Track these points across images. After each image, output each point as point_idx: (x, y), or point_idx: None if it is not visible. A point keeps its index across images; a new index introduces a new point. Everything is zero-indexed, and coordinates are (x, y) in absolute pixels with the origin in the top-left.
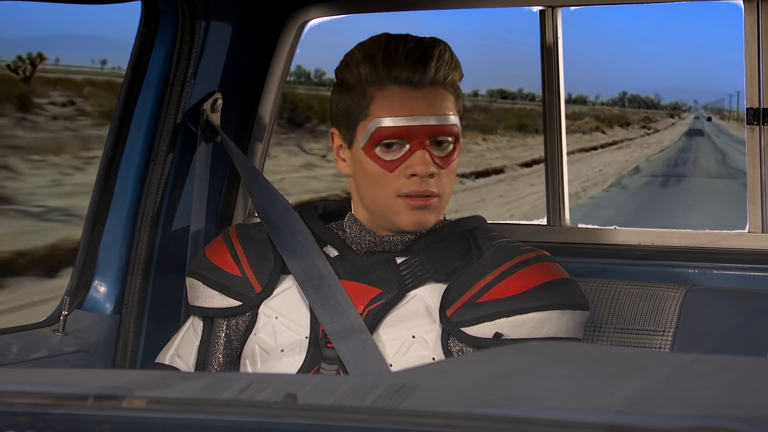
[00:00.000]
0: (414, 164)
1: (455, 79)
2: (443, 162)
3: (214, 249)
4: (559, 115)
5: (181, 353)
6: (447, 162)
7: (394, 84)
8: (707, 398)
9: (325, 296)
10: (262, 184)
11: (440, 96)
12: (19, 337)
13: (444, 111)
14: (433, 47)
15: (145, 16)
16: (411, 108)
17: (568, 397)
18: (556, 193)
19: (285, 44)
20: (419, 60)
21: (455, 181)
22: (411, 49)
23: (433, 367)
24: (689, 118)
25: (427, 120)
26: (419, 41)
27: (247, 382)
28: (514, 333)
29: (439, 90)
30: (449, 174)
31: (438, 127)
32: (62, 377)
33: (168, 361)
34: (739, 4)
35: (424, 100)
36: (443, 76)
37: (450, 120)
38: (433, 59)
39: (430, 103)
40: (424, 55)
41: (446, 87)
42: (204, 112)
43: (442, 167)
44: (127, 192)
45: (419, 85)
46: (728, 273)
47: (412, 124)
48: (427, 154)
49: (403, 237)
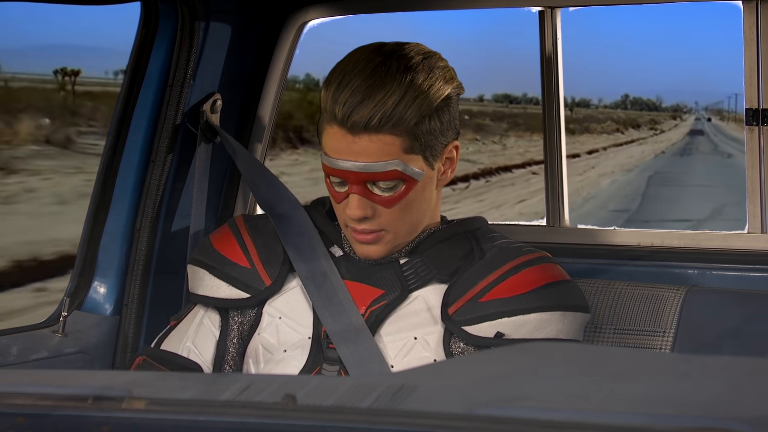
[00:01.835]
0: (349, 207)
1: (405, 119)
2: (386, 202)
3: (221, 238)
4: (559, 116)
5: (198, 345)
6: (392, 202)
7: (335, 123)
8: (707, 399)
9: (327, 296)
10: (269, 179)
11: (378, 141)
12: (18, 338)
13: (379, 157)
14: (379, 87)
15: (144, 17)
16: (347, 152)
17: (568, 397)
18: (556, 193)
19: (284, 45)
20: (359, 103)
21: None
22: (356, 88)
23: (433, 367)
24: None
25: (361, 166)
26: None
27: (247, 382)
28: (515, 333)
29: (377, 135)
30: (398, 212)
31: (371, 174)
32: (62, 378)
33: (183, 352)
34: (738, 4)
35: (359, 145)
36: (380, 122)
37: (388, 167)
38: (371, 105)
39: (364, 149)
40: (365, 96)
41: (387, 131)
42: (203, 112)
43: (385, 206)
44: (126, 193)
45: (355, 130)
46: (728, 273)
47: (346, 169)
48: (361, 199)
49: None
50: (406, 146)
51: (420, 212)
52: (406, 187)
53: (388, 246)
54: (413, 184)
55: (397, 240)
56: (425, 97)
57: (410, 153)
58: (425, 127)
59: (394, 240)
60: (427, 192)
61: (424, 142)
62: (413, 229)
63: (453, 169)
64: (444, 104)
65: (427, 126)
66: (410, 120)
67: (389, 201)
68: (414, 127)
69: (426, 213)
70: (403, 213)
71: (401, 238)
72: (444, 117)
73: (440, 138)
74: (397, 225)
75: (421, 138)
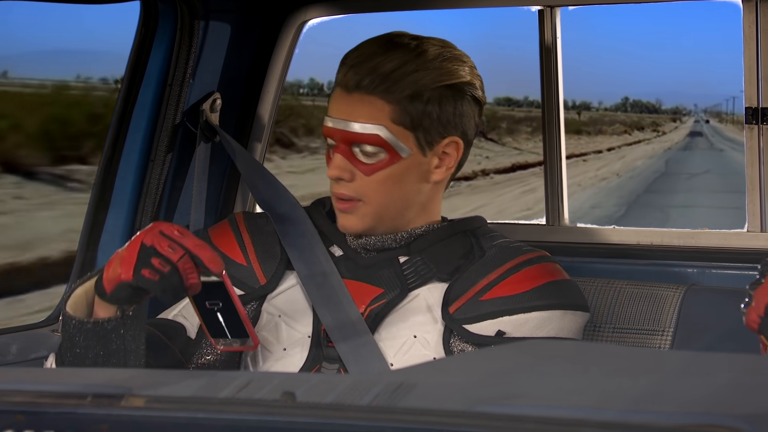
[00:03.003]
0: (331, 166)
1: (395, 89)
2: (366, 169)
3: (219, 233)
4: (558, 116)
5: (186, 313)
6: (371, 170)
7: (338, 85)
8: (706, 397)
9: (327, 295)
10: (268, 179)
11: (367, 102)
12: (18, 338)
13: (364, 119)
14: (383, 54)
15: (143, 16)
16: (338, 110)
17: (567, 395)
18: (555, 192)
19: (284, 44)
20: (359, 64)
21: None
22: (365, 52)
23: (432, 365)
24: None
25: (345, 125)
26: (383, 46)
27: (246, 380)
28: (516, 331)
29: (367, 96)
30: (376, 182)
31: (352, 134)
32: (61, 376)
33: (171, 316)
34: (738, 3)
35: (349, 104)
36: (371, 83)
37: (369, 128)
38: (369, 64)
39: (353, 108)
40: (367, 59)
41: (378, 94)
42: (203, 112)
43: (364, 173)
44: (126, 192)
45: (348, 88)
46: (727, 272)
47: (333, 127)
48: (342, 159)
49: (396, 237)
50: (396, 116)
51: (404, 196)
52: (389, 158)
53: (365, 220)
54: (396, 158)
55: (375, 218)
56: (428, 73)
57: (399, 125)
58: (420, 106)
59: (372, 216)
60: (414, 177)
61: (418, 121)
62: (396, 215)
63: (449, 167)
64: (450, 93)
65: (422, 105)
66: (405, 89)
67: (369, 168)
68: (408, 99)
69: (413, 202)
70: (382, 187)
71: (380, 218)
72: (447, 106)
73: (437, 126)
74: (374, 198)
75: (414, 115)
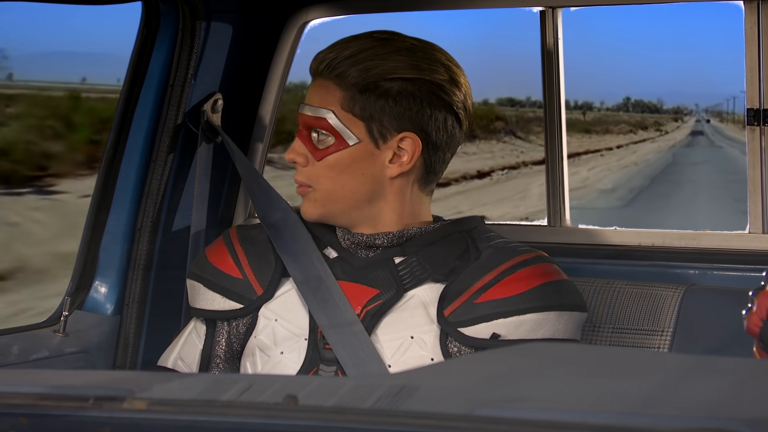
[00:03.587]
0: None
1: (350, 74)
2: (317, 154)
3: (215, 251)
4: (560, 117)
5: (184, 357)
6: (320, 154)
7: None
8: (706, 399)
9: (323, 298)
10: (262, 186)
11: (323, 87)
12: (19, 338)
13: (317, 102)
14: (347, 42)
15: (145, 16)
16: (305, 96)
17: (568, 398)
18: (557, 193)
19: (285, 44)
20: (322, 52)
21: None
22: (337, 42)
23: (434, 368)
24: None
25: (302, 108)
26: (356, 36)
27: (248, 383)
28: (511, 334)
29: (324, 81)
30: (324, 167)
31: (306, 117)
32: (63, 378)
33: (171, 365)
34: (740, 4)
35: (311, 90)
36: (327, 68)
37: (320, 112)
38: (333, 52)
39: (310, 93)
40: (332, 47)
41: (333, 79)
42: (204, 112)
43: (315, 158)
44: (127, 193)
45: (313, 75)
46: (728, 274)
47: (298, 111)
48: (299, 143)
49: (388, 236)
50: (345, 103)
51: (353, 186)
52: (336, 144)
53: (316, 207)
54: (343, 144)
55: (325, 206)
56: (383, 63)
57: (348, 112)
58: (372, 97)
59: (321, 203)
60: (363, 167)
61: (369, 111)
62: (349, 205)
63: (403, 163)
64: (413, 90)
65: (374, 96)
66: (355, 77)
67: (319, 153)
68: (359, 88)
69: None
70: (329, 173)
71: (329, 206)
72: (405, 102)
73: (389, 119)
74: (322, 184)
75: (364, 104)
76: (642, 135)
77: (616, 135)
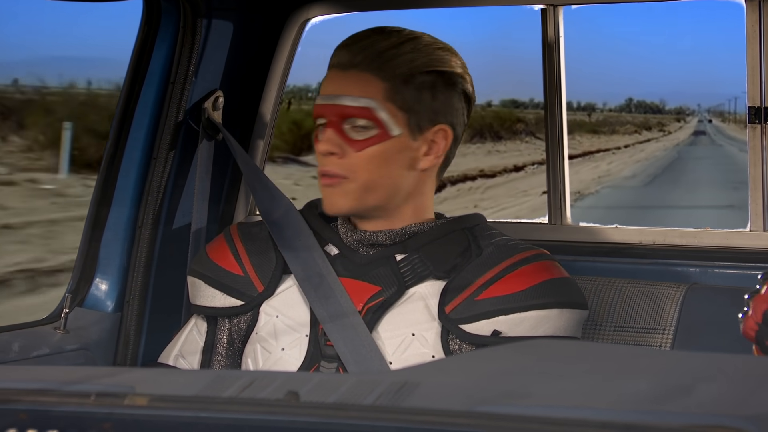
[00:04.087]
0: (320, 141)
1: (389, 66)
2: (355, 145)
3: (216, 248)
4: (561, 115)
5: (185, 354)
6: (361, 145)
7: (331, 67)
8: (708, 397)
9: (324, 295)
10: (264, 182)
11: (361, 78)
12: (20, 335)
13: (358, 92)
14: (379, 34)
15: (146, 14)
16: (331, 88)
17: (569, 395)
18: (558, 191)
19: (286, 42)
20: (353, 43)
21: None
22: (359, 35)
23: (435, 365)
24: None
25: (337, 99)
26: (377, 30)
27: (249, 379)
28: (512, 331)
29: (363, 73)
30: (365, 158)
31: (346, 108)
32: (64, 375)
33: (172, 362)
34: (741, 3)
35: (343, 81)
36: (365, 59)
37: (363, 102)
38: (364, 43)
39: (346, 84)
40: (362, 39)
41: (373, 71)
42: (205, 110)
43: (354, 149)
44: (128, 190)
45: (344, 67)
46: (729, 272)
47: (326, 103)
48: (333, 134)
49: (391, 233)
50: (389, 95)
51: (390, 179)
52: (379, 135)
53: (349, 199)
54: (386, 136)
55: (359, 198)
56: (421, 56)
57: (391, 103)
58: (413, 89)
59: (355, 194)
60: (402, 160)
61: (410, 103)
62: (381, 199)
63: (437, 155)
64: (442, 82)
65: (415, 88)
66: (398, 68)
67: (359, 144)
68: (401, 79)
69: (399, 188)
70: (371, 164)
71: (364, 198)
72: (438, 94)
73: (429, 112)
74: (361, 175)
75: (406, 96)
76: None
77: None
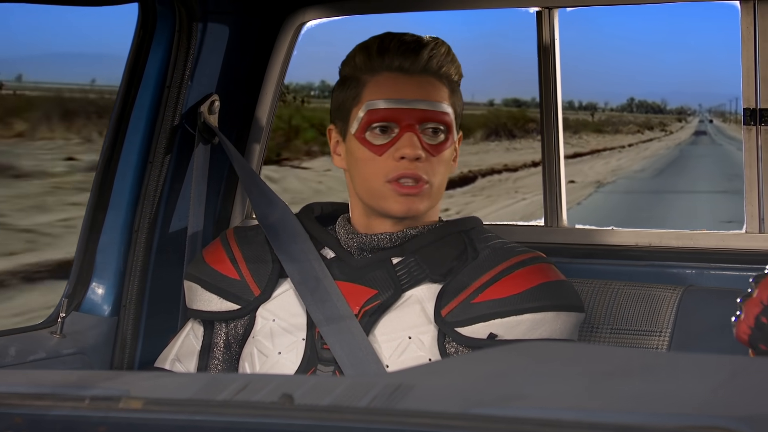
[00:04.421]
0: (402, 146)
1: (450, 72)
2: (433, 149)
3: (212, 252)
4: (557, 117)
5: (181, 358)
6: (438, 150)
7: (387, 71)
8: (704, 398)
9: (320, 298)
10: (260, 186)
11: (432, 84)
12: (16, 339)
13: (434, 98)
14: (428, 40)
15: (141, 17)
16: (401, 92)
17: (565, 397)
18: (554, 194)
19: (282, 46)
20: (412, 48)
21: (448, 173)
22: (406, 39)
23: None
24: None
25: (416, 104)
26: (416, 36)
27: (244, 382)
28: (508, 334)
29: (431, 78)
30: (440, 163)
31: (427, 112)
32: (59, 378)
33: (168, 366)
34: (736, 4)
35: (416, 86)
36: (436, 65)
37: (441, 107)
38: (427, 48)
39: (420, 89)
40: (418, 44)
41: (439, 77)
42: (201, 114)
43: (432, 154)
44: (124, 194)
45: (410, 72)
46: (726, 273)
47: (401, 107)
48: (415, 138)
49: (392, 237)
50: (451, 100)
51: (444, 180)
52: (446, 139)
53: (425, 201)
54: (451, 140)
55: (433, 201)
56: (456, 62)
57: (452, 109)
58: (458, 96)
59: (433, 199)
60: (451, 161)
61: (458, 109)
62: (438, 200)
63: (456, 159)
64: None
65: (459, 96)
66: (453, 74)
67: (436, 148)
68: (455, 85)
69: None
70: (441, 168)
71: (434, 201)
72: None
73: (458, 118)
74: (438, 179)
75: (457, 102)
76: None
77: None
